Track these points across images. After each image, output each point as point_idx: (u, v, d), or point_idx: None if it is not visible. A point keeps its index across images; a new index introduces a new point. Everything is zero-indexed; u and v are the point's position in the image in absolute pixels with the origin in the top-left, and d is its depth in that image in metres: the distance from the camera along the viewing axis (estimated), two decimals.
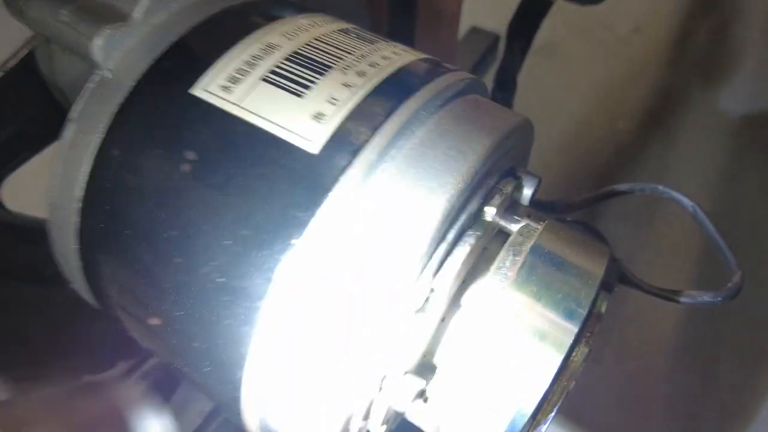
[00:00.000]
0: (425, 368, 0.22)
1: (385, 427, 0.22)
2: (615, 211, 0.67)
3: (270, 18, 0.23)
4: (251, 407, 0.20)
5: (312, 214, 0.17)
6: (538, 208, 0.32)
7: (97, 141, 0.21)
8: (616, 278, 0.25)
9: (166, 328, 0.22)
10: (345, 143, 0.18)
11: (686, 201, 0.30)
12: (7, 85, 0.28)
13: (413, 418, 0.22)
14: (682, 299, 0.27)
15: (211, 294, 0.19)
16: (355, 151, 0.18)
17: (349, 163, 0.18)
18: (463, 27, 0.70)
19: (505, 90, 0.38)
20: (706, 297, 0.27)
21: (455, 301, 0.22)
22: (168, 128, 0.20)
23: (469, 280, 0.22)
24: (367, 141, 0.18)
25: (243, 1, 0.24)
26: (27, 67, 0.28)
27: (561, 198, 0.31)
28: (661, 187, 0.30)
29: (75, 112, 0.22)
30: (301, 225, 0.17)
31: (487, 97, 0.26)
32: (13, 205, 0.36)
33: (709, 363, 0.56)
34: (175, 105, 0.20)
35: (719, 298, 0.27)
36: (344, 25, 0.24)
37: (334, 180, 0.18)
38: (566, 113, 0.81)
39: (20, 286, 0.37)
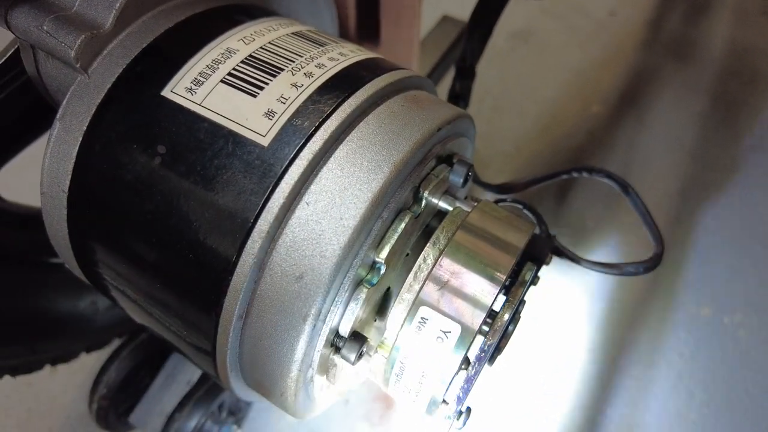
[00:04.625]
0: (373, 328, 0.25)
1: (340, 381, 0.26)
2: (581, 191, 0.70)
3: (230, 24, 0.26)
4: (226, 365, 0.24)
5: (265, 199, 0.20)
6: (487, 189, 0.35)
7: (79, 138, 0.24)
8: (549, 251, 0.28)
9: (149, 301, 0.25)
10: (293, 137, 0.21)
11: (620, 180, 0.33)
12: None
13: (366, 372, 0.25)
14: (610, 270, 0.30)
15: (183, 269, 0.22)
16: (302, 145, 0.21)
17: (296, 154, 0.21)
18: (435, 16, 0.72)
19: (464, 78, 0.40)
20: (630, 268, 0.30)
21: (402, 272, 0.25)
22: (141, 126, 0.23)
23: (413, 254, 0.25)
24: (312, 135, 0.21)
25: (206, 7, 0.26)
26: (13, 65, 0.30)
27: (507, 182, 0.34)
28: (597, 168, 0.34)
29: (60, 112, 0.25)
30: (256, 208, 0.20)
31: (433, 92, 0.29)
32: (8, 194, 0.39)
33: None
34: (146, 105, 0.23)
35: (641, 269, 0.30)
36: (299, 28, 0.27)
37: (283, 169, 0.21)
38: (542, 98, 0.83)
39: (17, 269, 0.40)
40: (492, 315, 0.24)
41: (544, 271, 0.27)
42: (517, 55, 0.88)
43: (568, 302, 0.61)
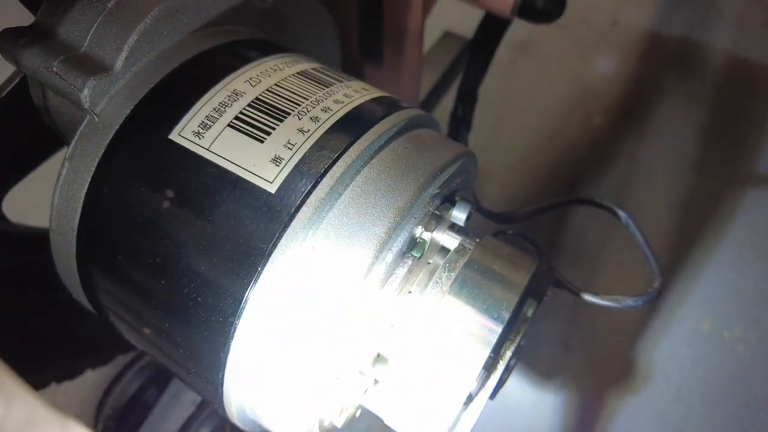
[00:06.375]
0: (378, 364, 0.26)
1: (344, 416, 0.26)
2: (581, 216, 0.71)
3: (236, 63, 0.26)
4: (231, 401, 0.24)
5: (273, 246, 0.21)
6: (489, 218, 0.35)
7: (88, 179, 0.24)
8: (550, 284, 0.29)
9: (156, 337, 0.26)
10: (299, 184, 0.21)
11: (620, 213, 0.34)
12: (2, 109, 0.30)
13: (368, 406, 0.26)
14: (608, 302, 0.31)
15: (190, 311, 0.23)
16: (308, 191, 0.21)
17: (303, 201, 0.21)
18: (437, 31, 0.72)
19: (466, 102, 0.41)
20: (629, 301, 0.31)
21: (403, 310, 0.25)
22: (149, 169, 0.23)
23: (415, 291, 0.26)
24: (318, 181, 0.21)
25: (212, 45, 0.27)
26: (20, 93, 0.30)
27: (507, 211, 0.34)
28: (598, 200, 0.34)
29: (69, 152, 0.25)
30: (263, 254, 0.21)
31: (436, 127, 0.29)
32: (14, 215, 0.39)
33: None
34: (155, 149, 0.24)
35: (640, 302, 0.30)
36: (304, 67, 0.27)
37: (291, 216, 0.21)
38: (544, 109, 0.84)
39: (23, 291, 0.41)
40: (495, 351, 0.24)
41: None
42: (519, 66, 0.89)
43: (567, 317, 0.62)
